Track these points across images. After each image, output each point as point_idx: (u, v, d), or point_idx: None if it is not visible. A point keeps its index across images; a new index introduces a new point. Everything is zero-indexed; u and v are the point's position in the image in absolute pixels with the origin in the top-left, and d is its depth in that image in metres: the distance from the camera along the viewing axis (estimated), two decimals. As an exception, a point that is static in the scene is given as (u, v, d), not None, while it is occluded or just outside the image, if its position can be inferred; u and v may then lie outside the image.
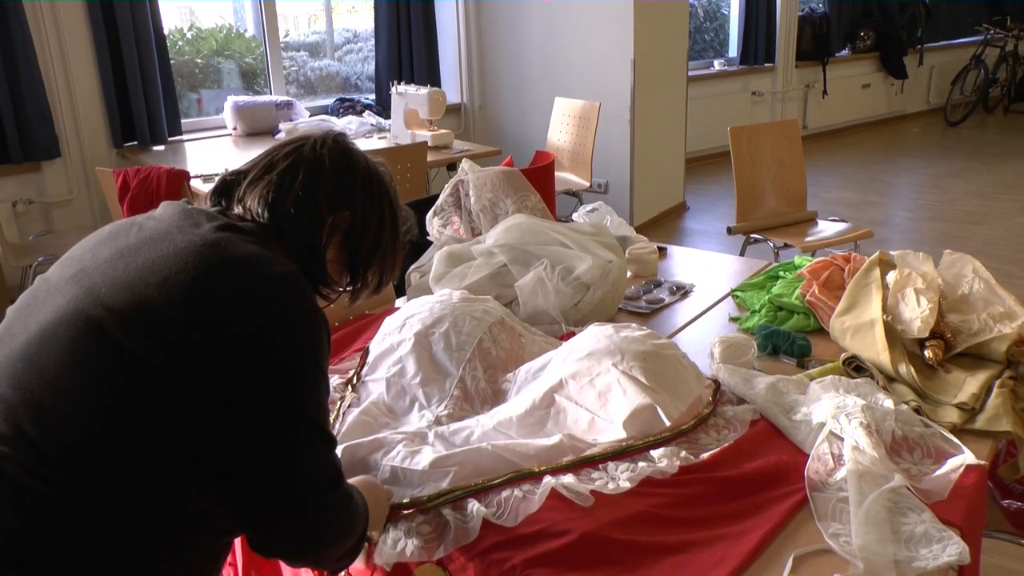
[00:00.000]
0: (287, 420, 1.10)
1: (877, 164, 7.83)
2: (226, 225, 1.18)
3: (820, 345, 1.93)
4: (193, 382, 1.05)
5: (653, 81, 5.64)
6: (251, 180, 1.27)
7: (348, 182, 1.29)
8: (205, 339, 1.06)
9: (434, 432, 1.56)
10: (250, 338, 1.08)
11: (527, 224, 2.21)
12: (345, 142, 1.33)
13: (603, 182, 5.79)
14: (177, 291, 1.07)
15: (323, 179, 1.27)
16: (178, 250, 1.11)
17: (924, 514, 1.30)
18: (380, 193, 1.33)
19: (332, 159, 1.28)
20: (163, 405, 1.04)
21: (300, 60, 6.30)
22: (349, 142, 1.34)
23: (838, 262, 2.10)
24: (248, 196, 1.25)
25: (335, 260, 1.31)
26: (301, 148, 1.29)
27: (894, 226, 5.90)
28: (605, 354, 1.59)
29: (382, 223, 1.33)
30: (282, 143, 1.32)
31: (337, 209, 1.27)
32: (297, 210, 1.24)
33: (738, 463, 1.46)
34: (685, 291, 2.38)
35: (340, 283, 1.35)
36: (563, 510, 1.33)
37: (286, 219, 1.24)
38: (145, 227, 1.19)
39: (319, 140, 1.30)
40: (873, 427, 1.46)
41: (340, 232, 1.29)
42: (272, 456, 1.09)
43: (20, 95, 4.35)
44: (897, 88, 9.67)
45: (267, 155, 1.30)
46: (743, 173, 4.06)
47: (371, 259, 1.34)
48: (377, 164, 1.36)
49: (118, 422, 1.03)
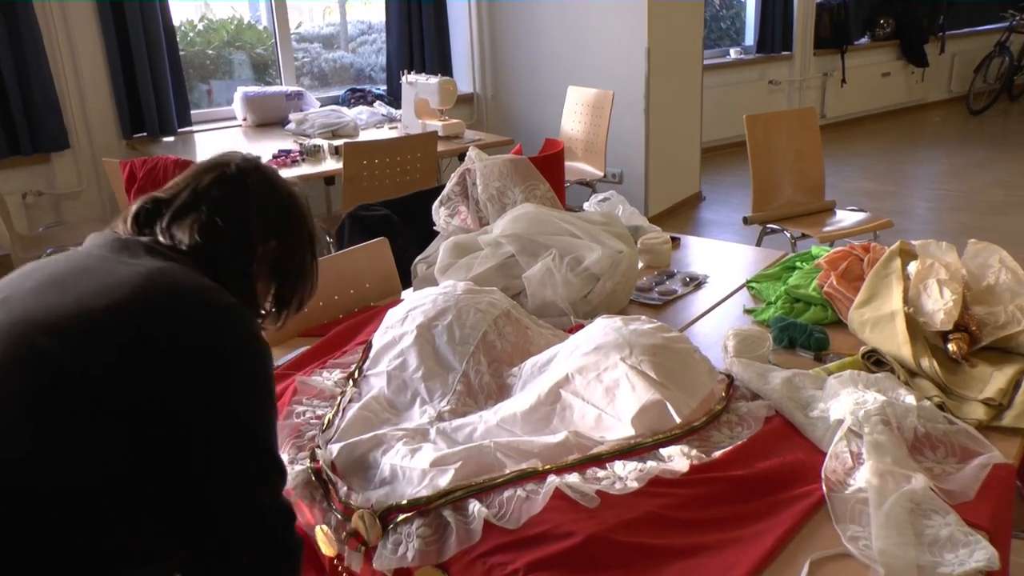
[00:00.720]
0: (247, 448, 1.10)
1: (897, 154, 7.70)
2: (167, 256, 1.18)
3: (838, 338, 1.86)
4: (139, 401, 1.01)
5: (668, 70, 5.56)
6: (176, 210, 1.24)
7: (274, 211, 1.31)
8: (154, 357, 1.04)
9: (436, 428, 1.51)
10: (204, 365, 1.07)
11: (535, 213, 2.15)
12: (265, 168, 1.34)
13: (617, 172, 5.71)
14: (126, 315, 1.05)
15: (252, 211, 1.27)
16: (123, 278, 1.09)
17: (949, 516, 1.23)
18: (301, 219, 1.35)
19: (257, 189, 1.29)
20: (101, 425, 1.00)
21: (314, 52, 6.26)
22: (268, 167, 1.35)
23: (857, 252, 2.03)
24: (175, 227, 1.23)
25: (262, 288, 1.33)
26: (225, 176, 1.28)
27: (915, 216, 5.79)
28: (613, 348, 1.52)
29: (305, 248, 1.36)
30: (202, 168, 1.30)
31: (266, 239, 1.28)
32: (230, 242, 1.24)
33: (752, 462, 1.40)
34: (699, 282, 2.31)
35: (266, 309, 1.37)
36: (567, 511, 1.28)
37: (219, 251, 1.23)
38: (75, 258, 1.17)
39: (241, 168, 1.29)
40: (894, 424, 1.39)
41: (268, 261, 1.30)
42: (233, 486, 1.09)
43: (28, 86, 4.32)
44: (918, 76, 9.52)
45: (189, 182, 1.27)
46: (760, 162, 3.98)
47: (297, 284, 1.36)
48: (293, 187, 1.36)
49: (52, 441, 0.98)
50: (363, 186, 3.92)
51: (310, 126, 4.71)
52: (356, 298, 2.27)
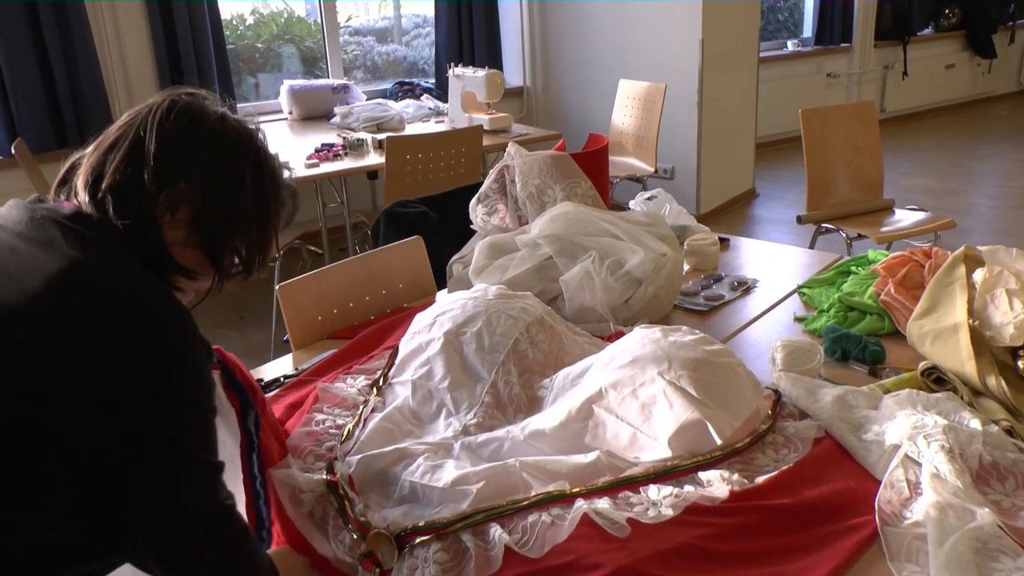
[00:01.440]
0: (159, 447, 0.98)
1: (960, 149, 7.42)
2: (82, 241, 1.02)
3: (895, 351, 1.73)
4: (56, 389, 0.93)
5: (722, 62, 5.41)
6: (83, 164, 1.10)
7: (184, 149, 1.09)
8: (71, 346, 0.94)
9: (460, 443, 1.43)
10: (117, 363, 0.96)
11: (575, 213, 2.05)
12: (190, 102, 1.12)
13: (669, 167, 5.58)
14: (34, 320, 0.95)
15: (148, 150, 1.07)
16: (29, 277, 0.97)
17: (1021, 559, 1.11)
18: (233, 156, 1.13)
19: (165, 124, 1.09)
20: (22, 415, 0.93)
21: (367, 45, 6.23)
22: (199, 102, 1.13)
23: (917, 257, 1.90)
24: (77, 184, 1.09)
25: (185, 243, 1.12)
26: (135, 118, 1.10)
27: (978, 215, 5.57)
28: (650, 361, 1.42)
29: (237, 191, 1.13)
30: (127, 113, 1.14)
31: (169, 182, 1.08)
32: (117, 192, 1.06)
33: (798, 489, 1.29)
34: (747, 287, 2.19)
35: (200, 270, 1.15)
36: (595, 540, 1.18)
37: (109, 205, 1.06)
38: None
39: (156, 105, 1.11)
40: (956, 451, 1.27)
41: (182, 209, 1.10)
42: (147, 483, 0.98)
43: (77, 78, 4.34)
44: (984, 68, 9.19)
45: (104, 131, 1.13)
46: (815, 158, 3.83)
47: (227, 237, 1.14)
48: (239, 123, 1.16)
49: None
50: (405, 181, 3.86)
51: (355, 120, 4.66)
52: (388, 299, 2.20)
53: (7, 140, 4.20)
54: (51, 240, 1.02)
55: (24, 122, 4.26)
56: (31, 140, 4.18)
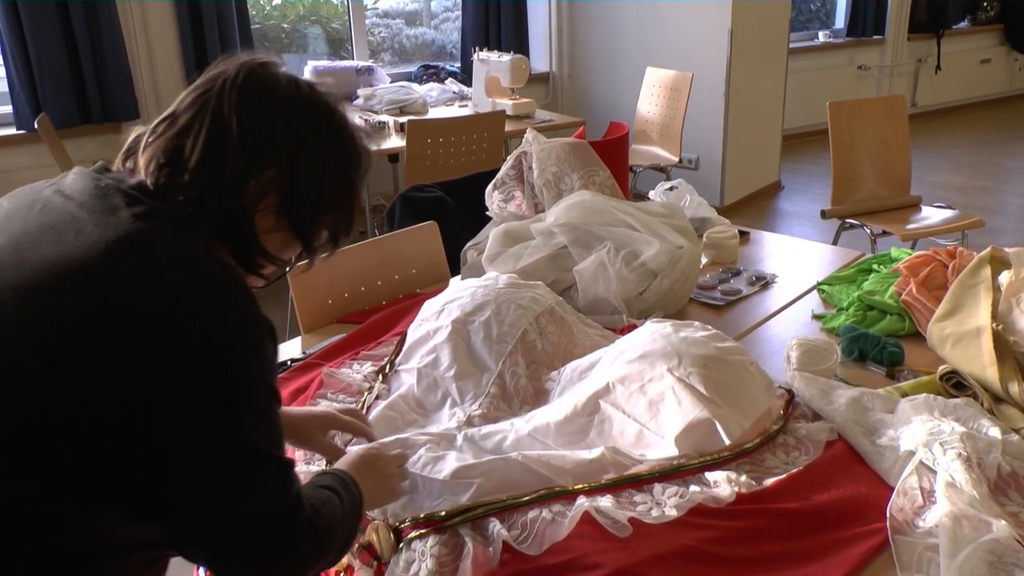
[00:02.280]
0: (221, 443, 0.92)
1: (993, 146, 7.28)
2: (147, 211, 0.96)
3: (915, 353, 1.69)
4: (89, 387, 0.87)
5: (751, 52, 5.33)
6: (150, 138, 1.02)
7: (267, 130, 1.02)
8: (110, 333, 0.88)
9: (463, 435, 1.40)
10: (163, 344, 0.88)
11: (591, 202, 2.01)
12: (263, 73, 1.04)
13: (693, 157, 5.51)
14: (82, 287, 0.89)
15: (231, 135, 0.99)
16: (85, 248, 0.91)
17: (1034, 575, 1.07)
18: (315, 130, 1.06)
19: (244, 103, 1.01)
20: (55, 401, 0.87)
21: (396, 27, 6.19)
22: (269, 71, 1.05)
23: (941, 257, 1.85)
24: (144, 160, 1.00)
25: (273, 229, 1.06)
26: (208, 93, 1.02)
27: (1008, 215, 5.46)
28: (660, 357, 1.39)
29: (322, 168, 1.06)
30: (193, 85, 1.05)
31: (259, 169, 1.01)
32: (200, 182, 0.99)
33: (807, 493, 1.25)
34: (766, 282, 2.15)
35: (285, 253, 1.10)
36: (595, 539, 1.15)
37: (191, 193, 1.00)
38: (50, 205, 0.99)
39: (229, 79, 1.02)
40: (974, 460, 1.23)
41: (271, 195, 1.03)
42: (205, 482, 0.91)
43: (102, 56, 4.34)
44: (1022, 63, 9.00)
45: (176, 102, 1.05)
46: (841, 152, 3.76)
47: (317, 216, 1.08)
48: (314, 90, 1.07)
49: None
50: (426, 165, 3.83)
51: (378, 102, 4.63)
52: (400, 284, 2.17)
53: (31, 115, 4.21)
54: (115, 209, 0.96)
55: (48, 97, 4.26)
56: (55, 116, 4.19)
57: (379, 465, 1.22)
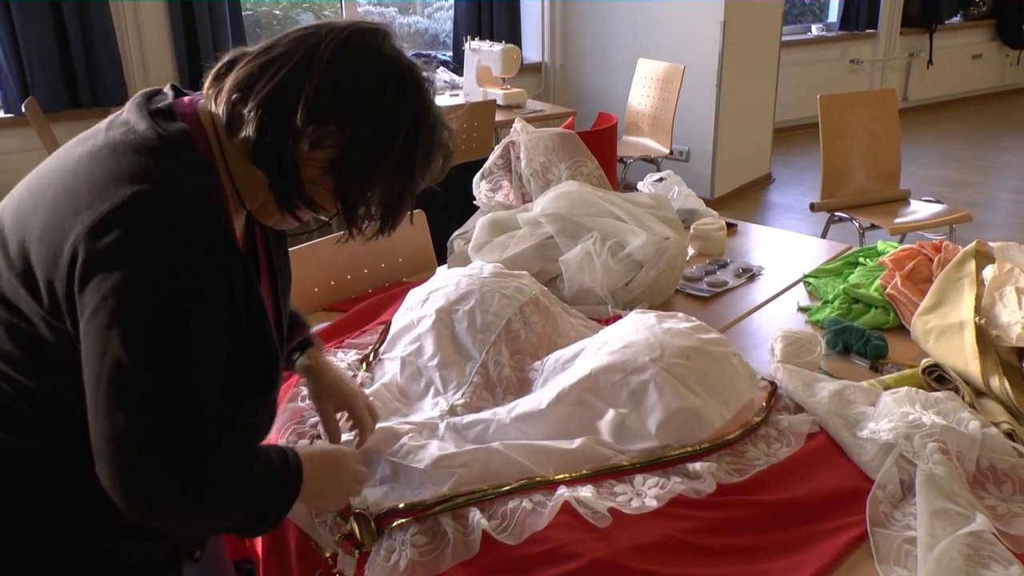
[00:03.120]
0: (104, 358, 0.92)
1: (983, 141, 7.30)
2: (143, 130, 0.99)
3: (898, 346, 1.69)
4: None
5: (744, 45, 5.32)
6: (242, 62, 1.03)
7: (345, 88, 1.02)
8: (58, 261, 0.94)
9: (446, 423, 1.39)
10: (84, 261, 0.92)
11: (578, 193, 2.01)
12: (367, 37, 1.05)
13: (684, 149, 5.51)
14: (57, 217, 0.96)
15: (311, 79, 1.00)
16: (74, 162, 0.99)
17: (1012, 568, 1.07)
18: (394, 106, 1.04)
19: (336, 57, 1.02)
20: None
21: (389, 16, 6.16)
22: (374, 38, 1.05)
23: (926, 251, 1.85)
24: (227, 83, 1.02)
25: (316, 182, 1.05)
26: (309, 38, 1.03)
27: (996, 209, 5.47)
28: (643, 347, 1.39)
29: (384, 144, 1.04)
30: (300, 27, 1.06)
31: (320, 120, 1.01)
32: (264, 110, 1.00)
33: (788, 485, 1.25)
34: (752, 274, 2.15)
35: (325, 205, 1.09)
36: (575, 529, 1.15)
37: (251, 120, 1.00)
38: (73, 152, 1.02)
39: (335, 30, 1.04)
40: (954, 453, 1.23)
41: (324, 148, 1.03)
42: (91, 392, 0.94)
43: (91, 39, 4.31)
44: (1013, 59, 9.01)
45: (277, 37, 1.06)
46: (832, 146, 3.76)
47: (361, 188, 1.06)
48: (412, 70, 1.07)
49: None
50: (416, 153, 3.82)
51: (368, 90, 4.61)
52: (387, 272, 2.17)
53: (19, 98, 4.18)
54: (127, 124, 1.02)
55: (37, 80, 4.23)
56: (43, 99, 4.15)
57: (334, 469, 1.19)
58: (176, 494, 0.96)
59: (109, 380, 0.92)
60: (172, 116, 1.03)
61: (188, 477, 0.96)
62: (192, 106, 1.07)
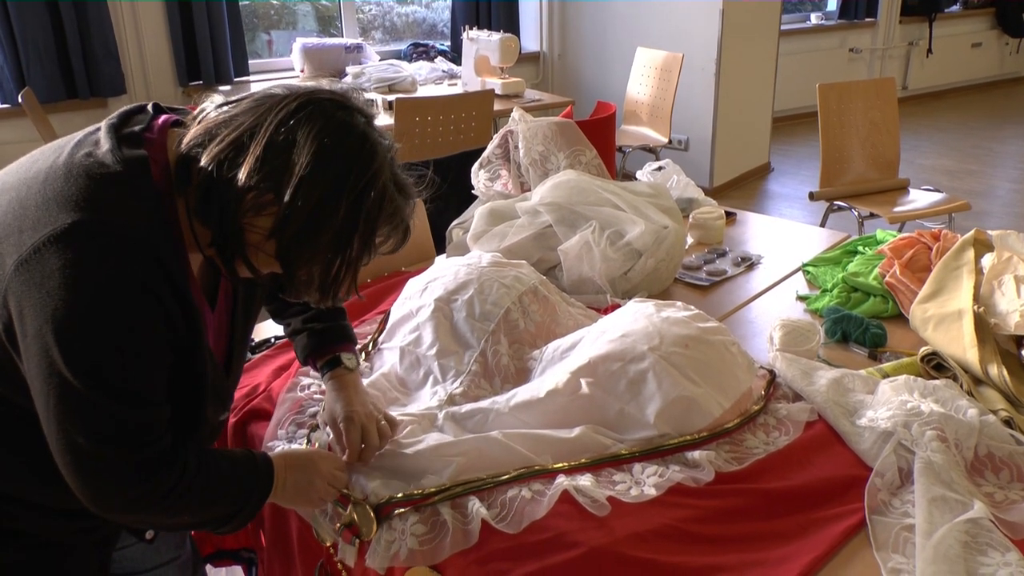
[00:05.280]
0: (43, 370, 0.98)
1: (982, 130, 7.29)
2: (102, 155, 1.00)
3: (897, 334, 1.69)
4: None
5: (743, 33, 5.31)
6: (211, 114, 1.05)
7: (286, 159, 1.00)
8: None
9: (444, 413, 1.40)
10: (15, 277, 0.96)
11: (576, 182, 2.01)
12: (318, 106, 1.03)
13: (683, 139, 5.50)
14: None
15: (256, 146, 1.00)
16: (32, 176, 1.02)
17: (1009, 554, 1.07)
18: (337, 181, 1.02)
19: (282, 127, 1.01)
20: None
21: (387, 6, 6.15)
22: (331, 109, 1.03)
23: (925, 239, 1.85)
24: (191, 133, 1.04)
25: (262, 248, 1.04)
26: (269, 100, 1.04)
27: (995, 198, 5.47)
28: (642, 336, 1.39)
29: (323, 218, 1.02)
30: (272, 86, 1.07)
31: (259, 189, 1.00)
32: (210, 171, 1.00)
33: (786, 473, 1.26)
34: (751, 263, 2.15)
35: (265, 269, 1.08)
36: (574, 518, 1.16)
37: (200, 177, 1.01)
38: (30, 162, 1.06)
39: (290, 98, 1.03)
40: (952, 441, 1.23)
41: (266, 216, 1.01)
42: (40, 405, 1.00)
43: (88, 30, 4.29)
44: (1012, 48, 8.99)
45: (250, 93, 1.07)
46: (831, 134, 3.75)
47: (301, 258, 1.04)
48: (366, 142, 1.04)
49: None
50: (415, 143, 3.81)
51: (367, 80, 4.60)
52: (385, 262, 2.16)
53: (15, 89, 4.16)
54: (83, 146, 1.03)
55: (33, 71, 4.22)
56: (40, 90, 4.15)
57: (307, 473, 1.21)
58: (135, 497, 1.04)
59: (58, 399, 0.97)
60: (138, 142, 1.03)
61: (143, 483, 1.03)
62: (163, 131, 1.06)
